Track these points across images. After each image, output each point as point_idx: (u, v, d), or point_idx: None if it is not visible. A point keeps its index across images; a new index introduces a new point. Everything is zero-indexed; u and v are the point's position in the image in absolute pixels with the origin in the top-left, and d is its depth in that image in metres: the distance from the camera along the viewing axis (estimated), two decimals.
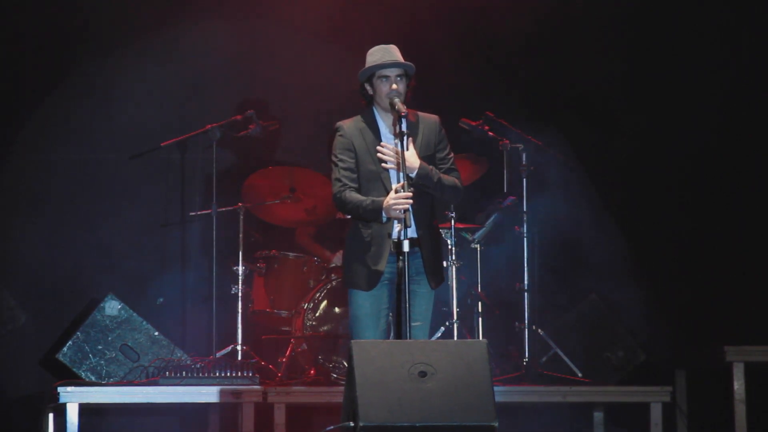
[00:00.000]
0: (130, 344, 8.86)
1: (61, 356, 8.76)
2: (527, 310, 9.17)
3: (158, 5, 9.81)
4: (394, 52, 6.66)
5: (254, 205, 9.23)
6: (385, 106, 6.64)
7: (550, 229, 9.66)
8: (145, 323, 8.91)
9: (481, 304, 9.31)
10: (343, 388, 6.08)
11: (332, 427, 6.02)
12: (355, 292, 6.64)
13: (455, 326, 9.00)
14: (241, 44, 9.96)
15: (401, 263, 6.42)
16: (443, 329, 9.03)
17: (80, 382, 8.61)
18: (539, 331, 9.21)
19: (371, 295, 6.61)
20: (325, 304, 9.11)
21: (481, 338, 9.06)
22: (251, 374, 8.40)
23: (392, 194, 6.47)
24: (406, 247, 6.39)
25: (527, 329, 9.13)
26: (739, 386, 8.65)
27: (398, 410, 5.82)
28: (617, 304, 9.62)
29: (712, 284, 9.67)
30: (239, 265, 9.05)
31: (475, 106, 9.49)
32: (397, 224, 6.51)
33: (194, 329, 9.56)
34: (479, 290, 9.35)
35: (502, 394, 8.07)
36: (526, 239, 9.24)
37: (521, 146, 9.25)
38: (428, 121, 6.75)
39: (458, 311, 9.06)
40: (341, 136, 6.70)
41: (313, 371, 8.92)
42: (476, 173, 9.39)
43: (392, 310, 6.66)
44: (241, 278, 9.04)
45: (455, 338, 8.91)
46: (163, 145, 9.26)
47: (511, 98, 9.99)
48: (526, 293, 9.20)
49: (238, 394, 8.19)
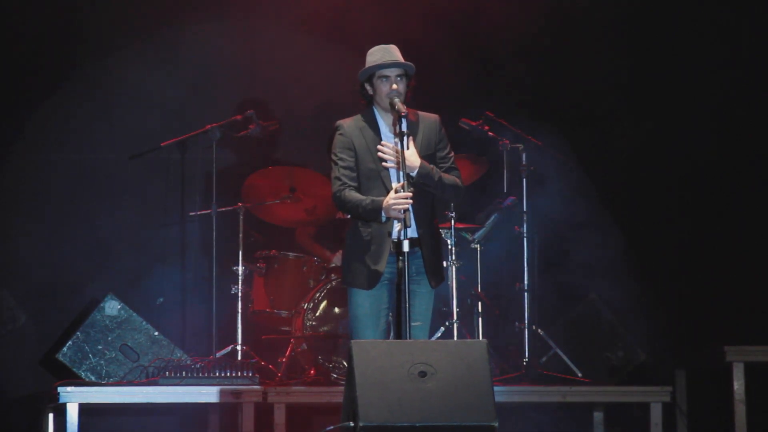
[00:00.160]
0: (130, 344, 8.85)
1: (61, 356, 8.76)
2: (527, 310, 9.17)
3: (158, 6, 9.81)
4: (394, 52, 6.66)
5: (254, 205, 9.23)
6: (385, 106, 6.64)
7: (550, 228, 9.67)
8: (145, 323, 8.91)
9: (481, 304, 9.31)
10: (343, 388, 6.08)
11: (332, 427, 6.02)
12: (355, 291, 6.63)
13: (455, 326, 9.00)
14: (241, 44, 9.96)
15: (401, 263, 6.42)
16: (443, 329, 9.03)
17: (80, 382, 8.61)
18: (539, 331, 9.21)
19: (371, 294, 6.60)
20: (325, 304, 9.10)
21: (481, 338, 9.06)
22: (251, 374, 8.40)
23: (392, 194, 6.46)
24: (406, 247, 6.38)
25: (527, 329, 9.13)
26: (739, 386, 8.65)
27: (398, 410, 5.82)
28: (617, 303, 9.62)
29: (712, 284, 9.67)
30: (239, 265, 9.05)
31: (475, 106, 9.49)
32: (397, 224, 6.50)
33: (194, 329, 9.56)
34: (479, 290, 9.35)
35: (502, 394, 8.07)
36: (526, 239, 9.24)
37: (521, 146, 9.25)
38: (428, 120, 6.74)
39: (458, 311, 9.06)
40: (341, 134, 6.70)
41: (313, 371, 8.92)
42: (476, 173, 9.39)
43: (392, 309, 6.66)
44: (241, 278, 9.04)
45: (455, 338, 8.90)
46: (163, 145, 9.26)
47: (511, 98, 9.99)
48: (526, 293, 9.20)
49: (238, 394, 8.19)
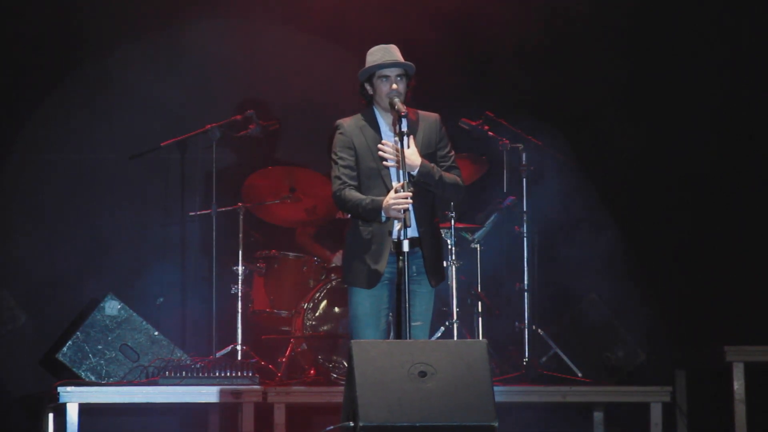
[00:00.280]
0: (130, 344, 8.85)
1: (61, 356, 8.75)
2: (527, 310, 9.17)
3: (158, 5, 9.81)
4: (394, 51, 6.66)
5: (254, 205, 9.23)
6: (385, 105, 6.64)
7: (550, 228, 9.66)
8: (145, 323, 8.90)
9: (481, 304, 9.31)
10: (343, 388, 6.08)
11: (332, 427, 6.02)
12: (355, 291, 6.63)
13: (455, 326, 9.00)
14: (241, 44, 9.96)
15: (401, 263, 6.41)
16: (443, 329, 9.03)
17: (80, 382, 8.61)
18: (539, 331, 9.21)
19: (371, 294, 6.60)
20: (324, 304, 9.10)
21: (481, 338, 9.06)
22: (251, 374, 8.39)
23: (392, 194, 6.46)
24: (405, 247, 6.38)
25: (527, 329, 9.13)
26: (739, 386, 8.65)
27: (398, 410, 5.82)
28: (617, 304, 9.62)
29: (712, 284, 9.67)
30: (239, 265, 9.05)
31: (475, 106, 9.49)
32: (397, 224, 6.50)
33: (194, 329, 9.56)
34: (479, 290, 9.35)
35: (502, 394, 8.07)
36: (526, 239, 9.24)
37: (521, 146, 9.25)
38: (429, 119, 6.74)
39: (458, 311, 9.06)
40: (341, 134, 6.70)
41: (313, 371, 8.91)
42: (476, 173, 9.39)
43: (392, 309, 6.65)
44: (241, 278, 9.04)
45: (455, 338, 8.90)
46: (163, 145, 9.26)
47: (511, 98, 9.98)
48: (526, 293, 9.20)
49: (238, 394, 8.19)
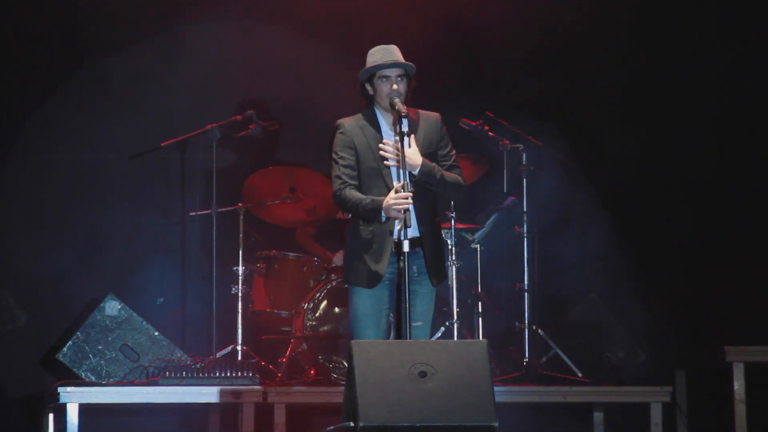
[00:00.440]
0: (130, 344, 8.85)
1: (61, 356, 8.75)
2: (527, 310, 9.17)
3: (158, 6, 9.81)
4: (394, 52, 6.66)
5: (254, 205, 9.23)
6: (385, 105, 6.64)
7: (550, 228, 9.66)
8: (145, 323, 8.90)
9: (481, 304, 9.31)
10: (343, 388, 6.08)
11: (332, 427, 6.02)
12: (356, 291, 6.63)
13: (455, 326, 9.00)
14: (241, 44, 9.95)
15: (402, 263, 6.41)
16: (443, 329, 9.03)
17: (80, 382, 8.61)
18: (539, 331, 9.21)
19: (372, 294, 6.60)
20: (325, 304, 9.10)
21: (481, 338, 9.06)
22: (251, 374, 8.39)
23: (392, 194, 6.46)
24: (406, 247, 6.38)
25: (527, 329, 9.12)
26: (739, 386, 8.64)
27: (398, 410, 5.82)
28: (617, 303, 9.62)
29: (712, 284, 9.67)
30: (239, 265, 9.05)
31: (475, 106, 9.49)
32: (397, 224, 6.50)
33: (194, 329, 9.56)
34: (479, 290, 9.35)
35: (502, 394, 8.06)
36: (526, 239, 9.24)
37: (521, 146, 9.25)
38: (429, 119, 6.74)
39: (458, 311, 9.06)
40: (341, 133, 6.70)
41: (313, 371, 8.91)
42: (476, 173, 9.39)
43: (393, 310, 6.65)
44: (241, 278, 9.04)
45: (455, 338, 8.90)
46: (163, 145, 9.26)
47: (511, 98, 9.98)
48: (526, 293, 9.19)
49: (238, 394, 8.18)
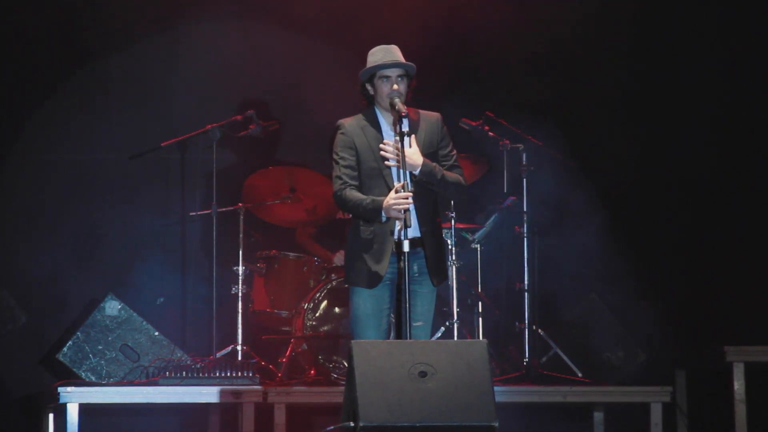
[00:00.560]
0: (130, 344, 8.85)
1: (61, 356, 8.76)
2: (527, 310, 9.17)
3: (158, 6, 9.81)
4: (395, 52, 6.66)
5: (254, 205, 9.23)
6: (386, 105, 6.64)
7: (550, 228, 9.66)
8: (145, 323, 8.91)
9: (481, 304, 9.31)
10: (343, 388, 6.08)
11: (332, 427, 6.02)
12: (356, 290, 6.63)
13: (455, 326, 9.00)
14: (241, 44, 9.95)
15: (402, 263, 6.41)
16: (443, 329, 9.03)
17: (80, 382, 8.61)
18: (539, 331, 9.21)
19: (373, 294, 6.60)
20: (325, 304, 9.10)
21: (481, 338, 9.06)
22: (251, 374, 8.39)
23: (392, 194, 6.46)
24: (406, 247, 6.38)
25: (527, 329, 9.13)
26: (739, 386, 8.64)
27: (398, 410, 5.82)
28: (617, 303, 9.62)
29: (712, 284, 9.67)
30: (239, 265, 9.05)
31: (475, 106, 9.49)
32: (398, 223, 6.50)
33: (194, 329, 9.56)
34: (479, 290, 9.35)
35: (502, 394, 8.06)
36: (526, 239, 9.24)
37: (521, 146, 9.25)
38: (430, 118, 6.74)
39: (458, 311, 9.06)
40: (342, 133, 6.70)
41: (313, 371, 8.91)
42: (476, 173, 9.39)
43: (393, 310, 6.65)
44: (241, 278, 9.04)
45: (455, 338, 8.90)
46: (163, 145, 9.26)
47: (511, 98, 9.98)
48: (526, 293, 9.20)
49: (238, 394, 8.18)
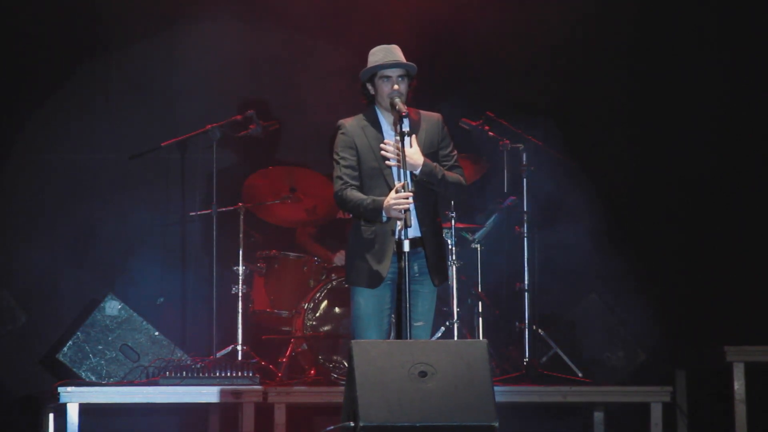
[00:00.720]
0: (130, 344, 8.85)
1: (61, 356, 8.75)
2: (527, 310, 9.17)
3: (158, 6, 9.81)
4: (396, 52, 6.66)
5: (254, 205, 9.23)
6: (386, 105, 6.64)
7: (550, 228, 9.66)
8: (145, 323, 8.91)
9: (481, 304, 9.31)
10: (343, 388, 6.08)
11: (332, 427, 6.02)
12: (357, 290, 6.63)
13: (455, 326, 9.00)
14: (241, 44, 9.95)
15: (402, 263, 6.41)
16: (443, 329, 9.03)
17: (80, 382, 8.61)
18: (539, 331, 9.21)
19: (374, 294, 6.60)
20: (325, 304, 9.10)
21: (481, 338, 9.06)
22: (251, 374, 8.39)
23: (392, 194, 6.46)
24: (406, 246, 6.38)
25: (527, 329, 9.13)
26: (739, 386, 8.64)
27: (398, 410, 5.82)
28: (617, 303, 9.61)
29: (712, 284, 9.67)
30: (239, 265, 9.05)
31: (475, 106, 9.49)
32: (398, 223, 6.50)
33: (194, 329, 9.56)
34: (479, 290, 9.35)
35: (502, 394, 8.06)
36: (526, 239, 9.24)
37: (521, 146, 9.25)
38: (431, 119, 6.74)
39: (458, 311, 9.06)
40: (343, 134, 6.70)
41: (313, 371, 8.91)
42: (476, 173, 9.39)
43: (394, 310, 6.65)
44: (241, 278, 9.04)
45: (455, 338, 8.90)
46: (163, 145, 9.26)
47: (511, 98, 9.98)
48: (526, 293, 9.20)
49: (238, 394, 8.18)
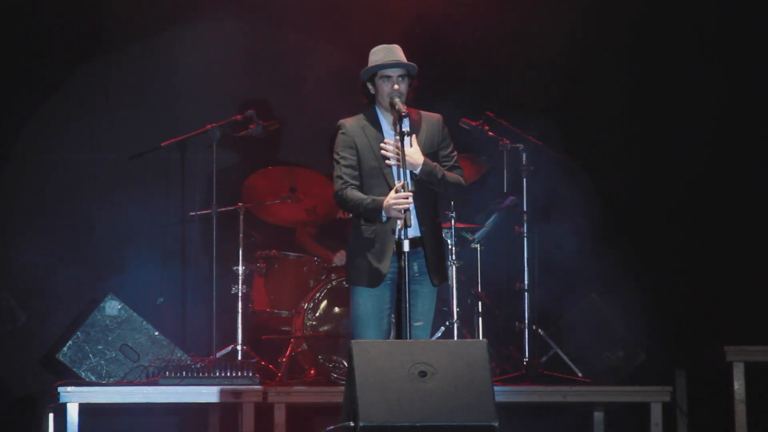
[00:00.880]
0: (130, 344, 8.85)
1: (61, 356, 8.75)
2: (527, 310, 9.17)
3: (158, 5, 9.81)
4: (396, 51, 6.66)
5: (254, 205, 9.23)
6: (386, 105, 6.64)
7: (549, 228, 9.66)
8: (145, 323, 8.90)
9: (481, 304, 9.31)
10: (343, 388, 6.08)
11: (332, 427, 6.02)
12: (358, 290, 6.63)
13: (455, 326, 9.00)
14: (241, 44, 9.95)
15: (402, 263, 6.41)
16: (443, 329, 9.03)
17: (80, 382, 8.61)
18: (539, 331, 9.21)
19: (374, 294, 6.60)
20: (325, 304, 9.10)
21: (481, 338, 9.06)
22: (251, 374, 8.39)
23: (392, 194, 6.47)
24: (406, 246, 6.38)
25: (527, 329, 9.13)
26: (739, 386, 8.64)
27: (398, 410, 5.82)
28: (617, 303, 9.61)
29: (712, 284, 9.67)
30: (239, 265, 9.05)
31: (475, 106, 9.49)
32: (398, 223, 6.50)
33: (194, 329, 9.56)
34: (479, 290, 9.35)
35: (502, 394, 8.07)
36: (526, 239, 9.24)
37: (521, 146, 9.25)
38: (431, 119, 6.75)
39: (458, 311, 9.06)
40: (343, 133, 6.70)
41: (313, 371, 8.91)
42: (476, 173, 9.39)
43: (394, 310, 6.65)
44: (241, 278, 9.03)
45: (455, 338, 8.90)
46: (163, 145, 9.26)
47: (510, 98, 9.98)
48: (526, 293, 9.20)
49: (238, 394, 8.18)
